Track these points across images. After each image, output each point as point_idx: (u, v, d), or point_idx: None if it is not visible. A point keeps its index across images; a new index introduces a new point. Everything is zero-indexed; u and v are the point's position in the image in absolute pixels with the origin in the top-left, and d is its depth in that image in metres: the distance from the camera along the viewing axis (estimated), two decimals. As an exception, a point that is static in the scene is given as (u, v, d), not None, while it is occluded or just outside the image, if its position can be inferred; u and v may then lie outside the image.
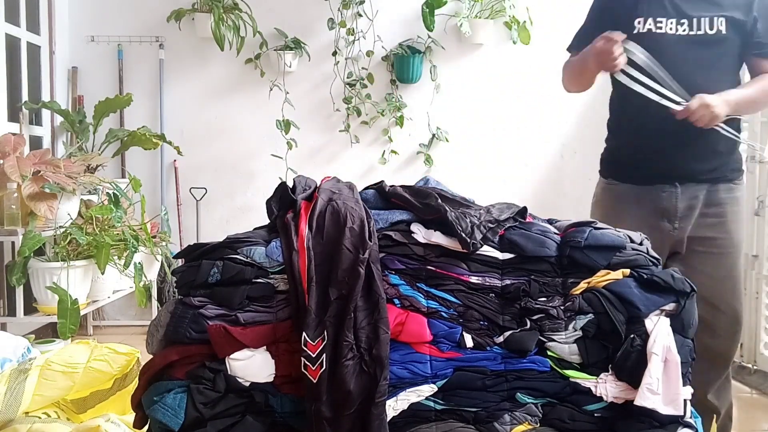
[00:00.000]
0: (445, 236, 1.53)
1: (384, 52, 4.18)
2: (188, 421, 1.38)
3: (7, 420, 1.77)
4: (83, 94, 4.17)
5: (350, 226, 1.50)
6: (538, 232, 1.58)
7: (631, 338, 1.47)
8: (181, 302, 1.46)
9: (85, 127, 3.85)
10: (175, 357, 1.42)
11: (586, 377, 1.48)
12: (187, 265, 1.52)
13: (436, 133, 4.20)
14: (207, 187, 4.22)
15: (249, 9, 4.06)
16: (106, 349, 2.00)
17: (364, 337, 1.41)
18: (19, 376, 1.85)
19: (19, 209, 3.03)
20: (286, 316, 1.46)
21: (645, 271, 1.53)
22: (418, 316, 1.48)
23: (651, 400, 1.42)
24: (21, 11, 3.76)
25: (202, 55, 4.20)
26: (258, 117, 4.20)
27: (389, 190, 1.65)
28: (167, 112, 4.20)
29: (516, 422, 1.47)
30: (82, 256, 3.14)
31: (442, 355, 1.47)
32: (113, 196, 3.26)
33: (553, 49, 4.20)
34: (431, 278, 1.52)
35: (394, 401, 1.44)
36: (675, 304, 1.51)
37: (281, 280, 1.49)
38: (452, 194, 1.69)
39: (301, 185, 1.69)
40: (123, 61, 4.18)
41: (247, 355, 1.43)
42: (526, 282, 1.52)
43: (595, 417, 1.48)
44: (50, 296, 3.01)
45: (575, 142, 4.23)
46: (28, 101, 3.74)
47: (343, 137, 4.23)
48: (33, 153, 3.13)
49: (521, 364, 1.49)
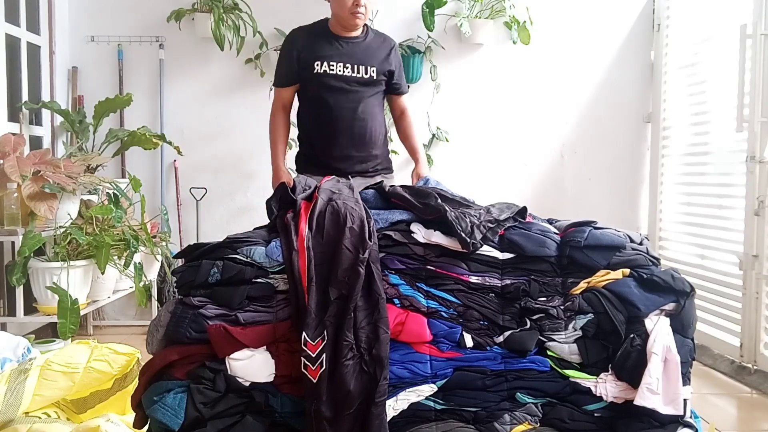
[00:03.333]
0: (445, 236, 1.53)
1: (384, 52, 4.18)
2: (188, 421, 1.38)
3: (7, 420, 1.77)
4: (83, 94, 4.17)
5: (350, 226, 1.50)
6: (538, 232, 1.58)
7: (631, 338, 1.47)
8: (181, 302, 1.46)
9: (85, 127, 3.84)
10: (175, 357, 1.42)
11: (586, 377, 1.48)
12: (187, 265, 1.52)
13: (436, 133, 4.19)
14: (207, 187, 4.21)
15: (249, 9, 4.06)
16: (106, 349, 2.00)
17: (364, 337, 1.41)
18: (19, 376, 1.84)
19: (19, 209, 3.03)
20: (286, 316, 1.46)
21: (645, 270, 1.53)
22: (418, 316, 1.48)
23: (651, 399, 1.42)
24: (21, 11, 3.76)
25: (202, 55, 4.20)
26: (258, 117, 4.19)
27: (389, 190, 1.65)
28: (167, 112, 4.20)
29: (516, 422, 1.47)
30: (82, 256, 3.14)
31: (442, 354, 1.47)
32: (113, 196, 3.25)
33: (553, 49, 4.20)
34: (431, 278, 1.52)
35: (394, 401, 1.44)
36: (675, 304, 1.51)
37: (281, 280, 1.49)
38: (452, 194, 1.69)
39: (301, 185, 1.69)
40: (123, 61, 4.18)
41: (247, 355, 1.43)
42: (526, 282, 1.52)
43: (595, 417, 1.48)
44: (50, 296, 3.01)
45: (575, 142, 4.23)
46: (28, 101, 3.74)
47: (343, 137, 4.23)
48: (33, 153, 3.13)
49: (521, 364, 1.49)
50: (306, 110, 2.74)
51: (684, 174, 3.89)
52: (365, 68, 2.66)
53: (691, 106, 3.82)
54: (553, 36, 4.18)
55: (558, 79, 4.20)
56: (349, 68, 2.64)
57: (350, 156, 2.67)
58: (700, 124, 3.73)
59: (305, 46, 2.67)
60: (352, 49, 2.67)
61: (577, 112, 4.24)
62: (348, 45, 2.68)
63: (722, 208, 3.47)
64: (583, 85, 4.23)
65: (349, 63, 2.65)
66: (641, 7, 4.23)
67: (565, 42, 4.21)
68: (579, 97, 4.23)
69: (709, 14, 3.65)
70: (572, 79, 4.19)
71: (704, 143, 3.69)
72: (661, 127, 4.10)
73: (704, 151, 3.69)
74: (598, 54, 4.24)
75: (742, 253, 3.14)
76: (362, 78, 2.66)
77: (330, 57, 2.64)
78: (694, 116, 3.79)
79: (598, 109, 4.23)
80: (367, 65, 2.66)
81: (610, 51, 4.25)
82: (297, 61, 2.66)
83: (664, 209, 4.08)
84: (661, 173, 4.10)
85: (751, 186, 3.10)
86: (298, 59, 2.66)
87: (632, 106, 4.25)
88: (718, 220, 3.49)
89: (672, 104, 4.03)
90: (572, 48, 4.21)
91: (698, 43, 3.75)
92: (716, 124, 3.56)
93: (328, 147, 2.65)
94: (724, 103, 3.42)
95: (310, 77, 2.64)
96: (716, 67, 3.54)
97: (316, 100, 2.65)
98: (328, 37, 2.69)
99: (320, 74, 2.62)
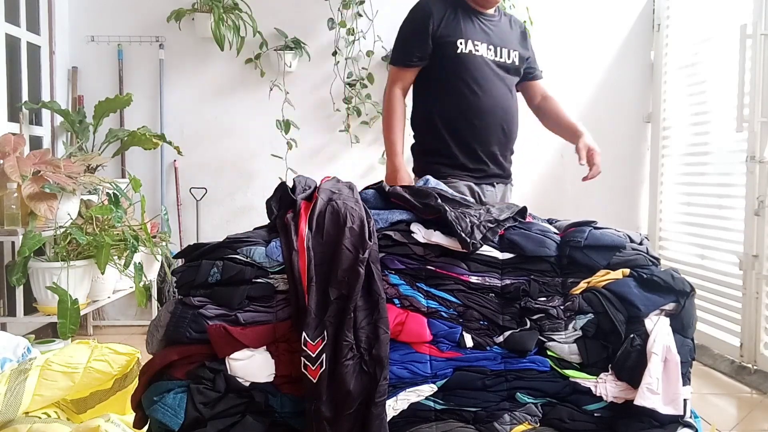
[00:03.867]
0: (445, 236, 1.53)
1: (384, 52, 4.18)
2: (188, 421, 1.38)
3: (7, 420, 1.77)
4: (83, 94, 4.17)
5: (350, 226, 1.50)
6: (538, 232, 1.58)
7: (631, 338, 1.47)
8: (181, 302, 1.46)
9: (85, 127, 3.84)
10: (175, 357, 1.42)
11: (586, 377, 1.48)
12: (187, 265, 1.52)
13: (436, 133, 4.20)
14: (207, 187, 4.21)
15: (249, 9, 4.06)
16: (106, 349, 2.00)
17: (364, 337, 1.41)
18: (19, 376, 1.84)
19: (19, 209, 3.03)
20: (286, 316, 1.46)
21: (645, 270, 1.53)
22: (418, 315, 1.48)
23: (651, 399, 1.42)
24: (21, 11, 3.76)
25: (202, 55, 4.20)
26: (258, 117, 4.20)
27: (389, 190, 1.65)
28: (167, 112, 4.20)
29: (516, 422, 1.47)
30: (82, 256, 3.14)
31: (442, 354, 1.47)
32: (113, 196, 3.25)
33: (553, 49, 4.20)
34: (431, 278, 1.52)
35: (394, 401, 1.44)
36: (675, 304, 1.51)
37: (281, 280, 1.48)
38: (452, 194, 1.69)
39: (300, 185, 1.69)
40: (123, 61, 4.18)
41: (247, 355, 1.43)
42: (526, 282, 1.52)
43: (595, 417, 1.48)
44: (50, 296, 3.01)
45: (575, 142, 4.23)
46: (28, 101, 3.74)
47: (343, 137, 4.23)
48: (33, 153, 3.13)
49: (521, 364, 1.49)
50: (437, 99, 2.28)
51: (684, 174, 3.89)
52: (507, 52, 2.30)
53: (691, 106, 3.82)
54: (553, 36, 4.17)
55: (558, 79, 4.20)
56: (492, 51, 2.26)
57: (495, 157, 2.31)
58: (700, 124, 3.73)
59: (444, 19, 2.24)
60: (492, 29, 2.29)
61: (577, 111, 4.23)
62: (487, 24, 2.29)
63: (722, 208, 3.48)
64: (583, 85, 4.24)
65: (492, 45, 2.26)
66: (641, 7, 4.23)
67: (565, 42, 4.21)
68: (579, 97, 4.23)
69: (709, 14, 3.65)
70: (572, 78, 4.19)
71: (704, 143, 3.69)
72: (661, 127, 4.10)
73: (704, 151, 3.69)
74: (598, 54, 4.24)
75: (742, 253, 3.14)
76: (505, 63, 2.29)
77: (473, 35, 2.24)
78: (694, 116, 3.79)
79: (598, 109, 4.23)
80: (509, 49, 2.30)
81: (610, 51, 4.25)
82: (433, 37, 2.23)
83: (664, 209, 4.08)
84: (661, 173, 4.10)
85: (751, 186, 3.10)
86: (435, 35, 2.23)
87: (632, 106, 4.25)
88: (718, 220, 3.49)
89: (672, 104, 4.03)
90: (572, 48, 4.21)
91: (698, 43, 3.75)
92: (716, 124, 3.56)
93: (470, 145, 2.26)
94: (724, 103, 3.42)
95: (449, 59, 2.23)
96: (716, 67, 3.54)
97: (456, 88, 2.23)
98: (467, 12, 2.27)
99: (464, 55, 2.22)
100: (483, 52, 2.24)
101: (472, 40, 2.22)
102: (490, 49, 2.25)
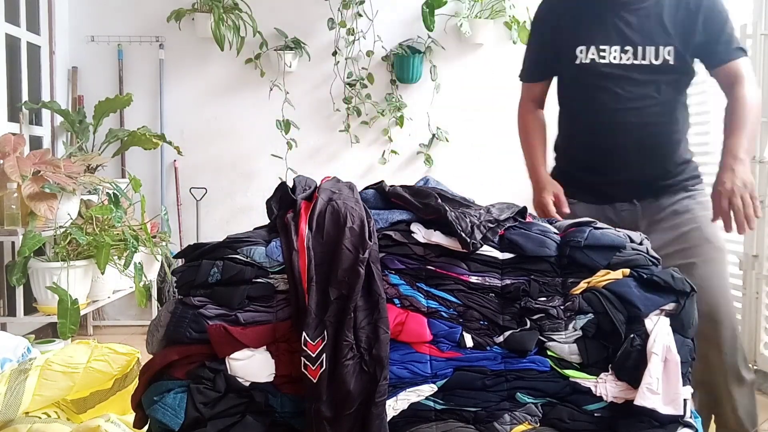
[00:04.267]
0: (445, 236, 1.53)
1: (384, 52, 4.18)
2: (188, 421, 1.38)
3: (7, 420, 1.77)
4: (83, 94, 4.17)
5: (350, 225, 1.50)
6: (538, 231, 1.58)
7: (631, 338, 1.47)
8: (181, 302, 1.46)
9: (85, 127, 3.85)
10: (175, 357, 1.42)
11: (586, 377, 1.48)
12: (187, 265, 1.52)
13: (436, 133, 4.20)
14: (207, 187, 4.22)
15: (249, 9, 4.06)
16: (106, 349, 2.00)
17: (364, 336, 1.41)
18: (19, 376, 1.84)
19: (19, 209, 3.03)
20: (286, 316, 1.45)
21: (645, 270, 1.53)
22: (418, 315, 1.48)
23: (651, 399, 1.42)
24: (21, 11, 3.76)
25: (202, 55, 4.20)
26: (258, 117, 4.21)
27: (389, 190, 1.65)
28: (167, 112, 4.20)
29: (516, 422, 1.47)
30: (82, 256, 3.14)
31: (442, 354, 1.47)
32: (113, 196, 3.26)
33: (553, 49, 4.20)
34: (431, 278, 1.52)
35: (394, 401, 1.44)
36: (675, 304, 1.51)
37: (281, 279, 1.48)
38: (452, 194, 1.69)
39: (301, 185, 1.69)
40: (123, 61, 4.18)
41: (247, 354, 1.43)
42: (526, 282, 1.52)
43: (595, 417, 1.48)
44: (50, 296, 3.01)
45: (575, 142, 4.23)
46: (28, 101, 3.74)
47: (343, 137, 4.23)
48: (33, 153, 3.13)
49: (521, 364, 1.49)
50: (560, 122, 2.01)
51: (684, 174, 3.88)
52: (654, 50, 1.86)
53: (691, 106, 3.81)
54: (553, 36, 4.18)
55: (558, 79, 4.20)
56: (630, 53, 1.85)
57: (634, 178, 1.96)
58: (700, 124, 3.73)
59: (565, 19, 1.91)
60: (633, 22, 1.86)
61: (577, 112, 4.24)
62: (627, 15, 1.87)
63: (722, 208, 3.47)
64: (583, 85, 4.23)
65: (629, 45, 1.85)
66: (641, 7, 4.22)
67: (565, 42, 4.21)
68: (579, 97, 4.23)
69: (709, 14, 3.64)
70: (572, 79, 4.19)
71: (704, 143, 3.69)
72: (661, 127, 4.10)
73: (704, 151, 3.69)
74: (598, 54, 4.24)
75: (742, 253, 3.14)
76: (651, 65, 1.87)
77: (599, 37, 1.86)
78: (694, 116, 3.78)
79: (598, 109, 4.23)
80: (657, 45, 1.85)
81: (610, 51, 4.24)
82: (552, 45, 1.93)
83: (664, 209, 4.08)
84: (661, 173, 4.10)
85: (751, 186, 3.10)
86: (552, 42, 1.93)
87: (632, 106, 4.25)
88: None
89: (672, 104, 4.03)
90: (572, 48, 4.20)
91: (698, 43, 3.74)
92: (716, 124, 3.56)
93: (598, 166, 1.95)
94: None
95: (567, 71, 1.93)
96: (716, 67, 3.54)
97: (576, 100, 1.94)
98: (600, 3, 1.88)
99: (584, 66, 1.87)
100: (612, 57, 1.85)
101: (596, 45, 1.85)
102: (626, 51, 1.85)
